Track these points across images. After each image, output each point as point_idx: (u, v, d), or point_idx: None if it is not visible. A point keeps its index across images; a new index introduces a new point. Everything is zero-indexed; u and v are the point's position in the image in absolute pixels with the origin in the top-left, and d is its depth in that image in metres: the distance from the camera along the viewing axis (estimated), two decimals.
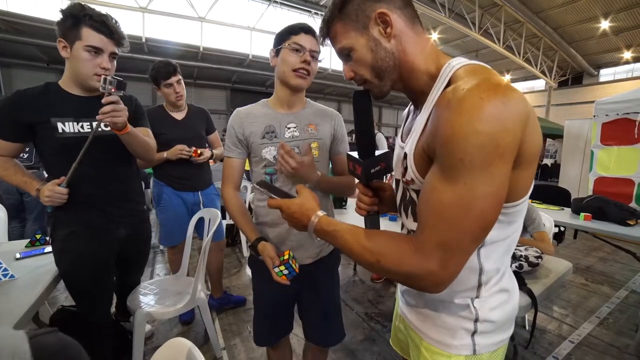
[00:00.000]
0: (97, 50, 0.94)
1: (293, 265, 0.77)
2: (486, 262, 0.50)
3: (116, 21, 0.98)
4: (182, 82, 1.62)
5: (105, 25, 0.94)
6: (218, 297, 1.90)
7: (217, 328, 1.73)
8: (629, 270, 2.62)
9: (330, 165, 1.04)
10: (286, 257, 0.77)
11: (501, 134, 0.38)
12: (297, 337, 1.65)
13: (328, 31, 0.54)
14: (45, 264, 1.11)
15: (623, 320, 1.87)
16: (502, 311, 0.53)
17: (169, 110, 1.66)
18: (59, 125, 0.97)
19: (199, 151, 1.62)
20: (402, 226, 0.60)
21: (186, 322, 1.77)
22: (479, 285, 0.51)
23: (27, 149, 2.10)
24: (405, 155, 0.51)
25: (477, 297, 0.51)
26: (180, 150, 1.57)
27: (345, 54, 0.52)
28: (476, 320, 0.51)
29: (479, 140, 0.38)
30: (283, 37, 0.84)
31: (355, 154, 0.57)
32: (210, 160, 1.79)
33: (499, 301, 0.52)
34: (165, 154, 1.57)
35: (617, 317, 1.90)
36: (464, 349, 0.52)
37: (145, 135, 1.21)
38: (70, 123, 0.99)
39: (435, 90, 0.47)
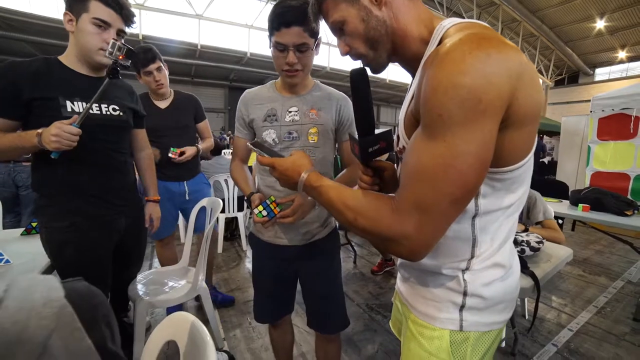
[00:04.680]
0: (104, 24, 0.90)
1: (271, 207, 0.81)
2: (481, 233, 0.47)
3: None
4: (164, 69, 1.54)
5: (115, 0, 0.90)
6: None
7: (216, 319, 1.72)
8: (625, 262, 2.65)
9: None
10: (267, 200, 0.81)
11: (484, 89, 0.35)
12: (303, 331, 1.64)
13: (319, 7, 0.52)
14: (41, 250, 1.09)
15: (620, 309, 1.89)
16: (496, 288, 0.48)
17: (153, 99, 1.57)
18: (68, 103, 0.91)
19: (178, 151, 1.54)
20: None
21: None
22: (471, 257, 0.48)
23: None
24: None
25: (468, 269, 0.48)
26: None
27: (337, 28, 0.50)
28: (465, 294, 0.48)
29: (458, 95, 0.35)
30: (269, 30, 0.79)
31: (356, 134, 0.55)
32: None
33: (492, 277, 0.48)
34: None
35: (614, 306, 1.93)
36: (449, 323, 0.49)
37: (141, 136, 1.21)
38: (80, 103, 0.93)
39: (427, 54, 0.46)
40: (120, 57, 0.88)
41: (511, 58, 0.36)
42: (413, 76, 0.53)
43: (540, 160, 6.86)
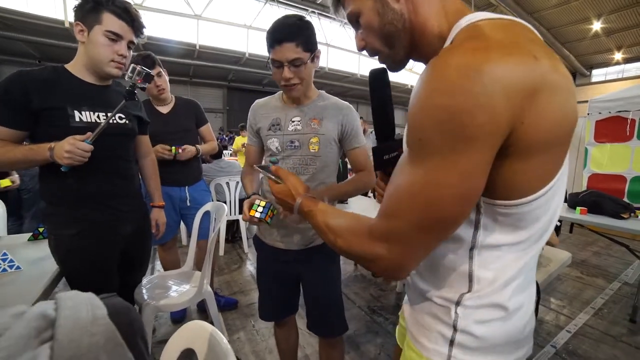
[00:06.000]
0: (116, 37, 0.91)
1: (268, 212, 0.82)
2: (480, 268, 0.41)
3: (137, 10, 0.96)
4: (164, 74, 1.55)
5: (127, 12, 0.92)
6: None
7: (221, 323, 1.73)
8: (621, 264, 2.69)
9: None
10: (270, 204, 0.83)
11: (470, 111, 0.29)
12: (306, 333, 1.66)
13: None
14: (49, 255, 1.10)
15: (617, 311, 1.93)
16: (493, 329, 0.42)
17: (154, 104, 1.60)
18: (76, 113, 0.91)
19: (180, 149, 1.56)
20: None
21: (177, 321, 1.74)
22: (467, 292, 0.42)
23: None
24: None
25: (460, 303, 0.43)
26: (160, 151, 1.49)
27: (354, 21, 0.47)
28: (455, 328, 0.43)
29: (438, 118, 0.31)
30: (267, 50, 0.83)
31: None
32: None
33: (489, 316, 0.42)
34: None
35: (611, 308, 1.96)
36: (437, 355, 0.44)
37: (145, 142, 1.23)
38: (87, 112, 0.94)
39: None
40: (139, 81, 0.92)
41: (516, 72, 0.30)
42: None
43: None
